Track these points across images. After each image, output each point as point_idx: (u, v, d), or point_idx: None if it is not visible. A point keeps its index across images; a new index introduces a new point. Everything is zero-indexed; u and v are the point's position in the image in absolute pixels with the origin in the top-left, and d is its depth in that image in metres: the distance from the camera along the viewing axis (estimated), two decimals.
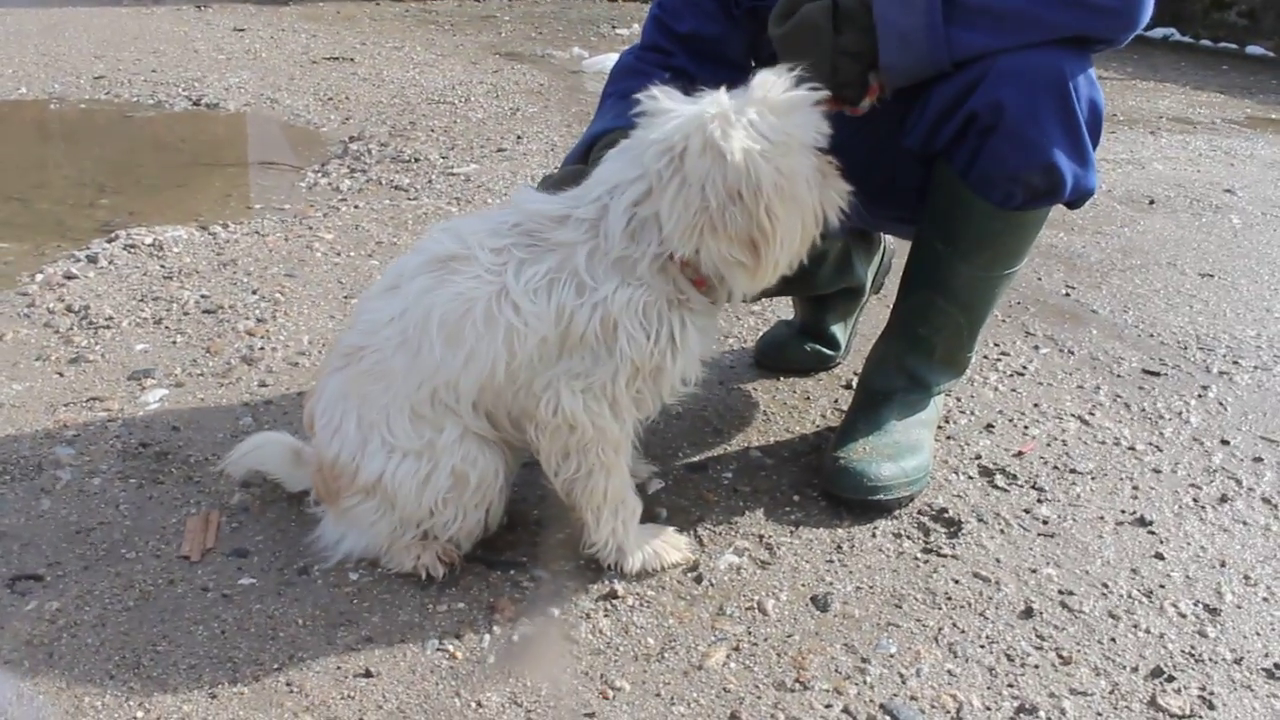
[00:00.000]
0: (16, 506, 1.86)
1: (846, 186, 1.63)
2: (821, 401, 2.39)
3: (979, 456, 2.17)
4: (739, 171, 1.49)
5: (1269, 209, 4.08)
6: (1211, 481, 2.12)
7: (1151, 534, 1.93)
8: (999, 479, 2.09)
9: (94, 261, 2.95)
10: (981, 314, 2.04)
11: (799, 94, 1.54)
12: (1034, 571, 1.81)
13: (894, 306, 2.09)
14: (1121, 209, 4.00)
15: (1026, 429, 2.30)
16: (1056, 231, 3.64)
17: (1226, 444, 2.26)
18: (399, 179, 3.89)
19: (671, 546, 1.77)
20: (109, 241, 3.11)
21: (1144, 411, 2.40)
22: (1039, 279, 3.22)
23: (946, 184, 1.91)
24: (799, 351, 2.51)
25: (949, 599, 1.73)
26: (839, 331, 2.52)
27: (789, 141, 1.53)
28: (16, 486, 1.91)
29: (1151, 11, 1.78)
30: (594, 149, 1.85)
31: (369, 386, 1.63)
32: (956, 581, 1.77)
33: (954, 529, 1.92)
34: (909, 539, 1.89)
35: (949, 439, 2.23)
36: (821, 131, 1.57)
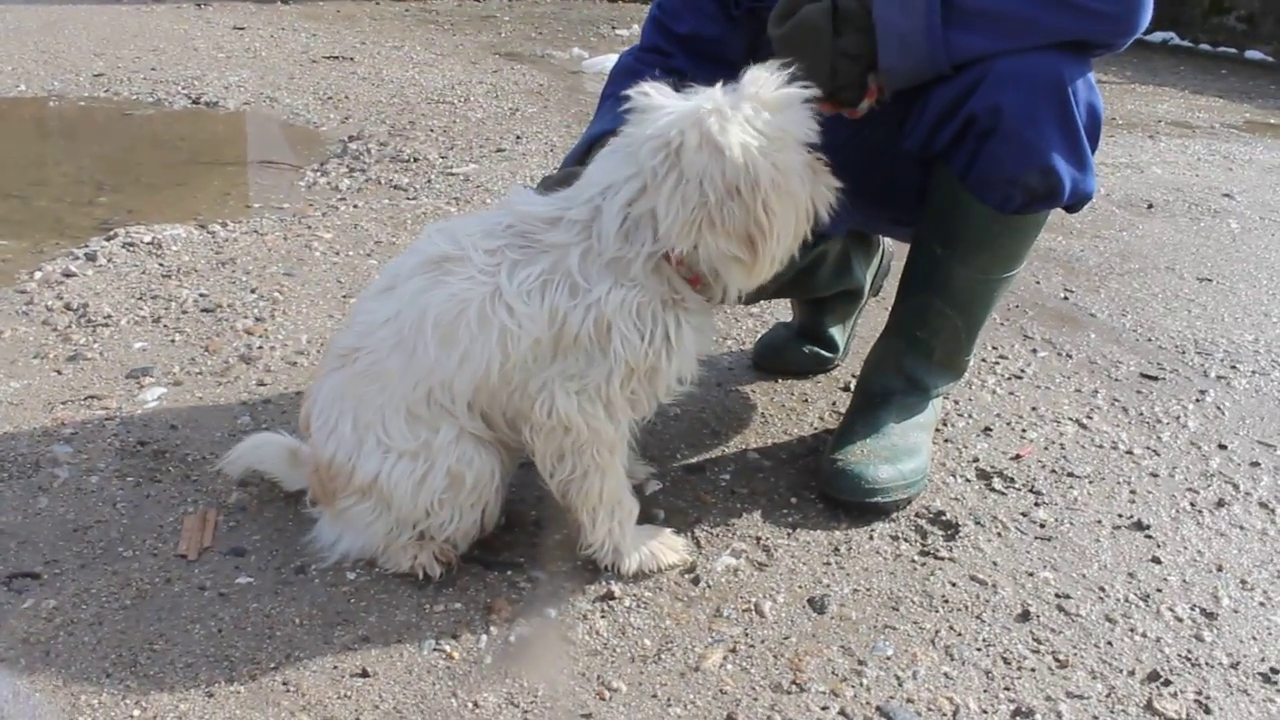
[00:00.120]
0: (14, 504, 1.86)
1: (835, 182, 1.63)
2: (819, 404, 2.39)
3: (977, 459, 2.17)
4: (737, 167, 1.49)
5: (1267, 214, 4.09)
6: (1209, 486, 2.12)
7: (1149, 538, 1.93)
8: (996, 482, 2.09)
9: (92, 259, 2.95)
10: (980, 317, 2.04)
11: (791, 90, 1.55)
12: (1031, 575, 1.81)
13: (892, 309, 2.10)
14: (1120, 213, 4.01)
15: (1024, 432, 2.30)
16: (1055, 235, 3.64)
17: (1224, 448, 2.26)
18: (398, 178, 3.89)
19: (669, 548, 1.77)
20: (108, 239, 3.11)
21: (1142, 415, 2.40)
22: (1037, 282, 3.22)
23: (945, 187, 1.91)
24: (797, 354, 2.51)
25: (946, 602, 1.73)
26: (837, 334, 2.52)
27: (784, 137, 1.54)
28: (14, 484, 1.91)
29: (1150, 16, 1.78)
30: (593, 150, 1.85)
31: (364, 387, 1.63)
32: (953, 584, 1.77)
33: (951, 532, 1.92)
34: (906, 542, 1.89)
35: (947, 442, 2.24)
36: (812, 128, 1.57)
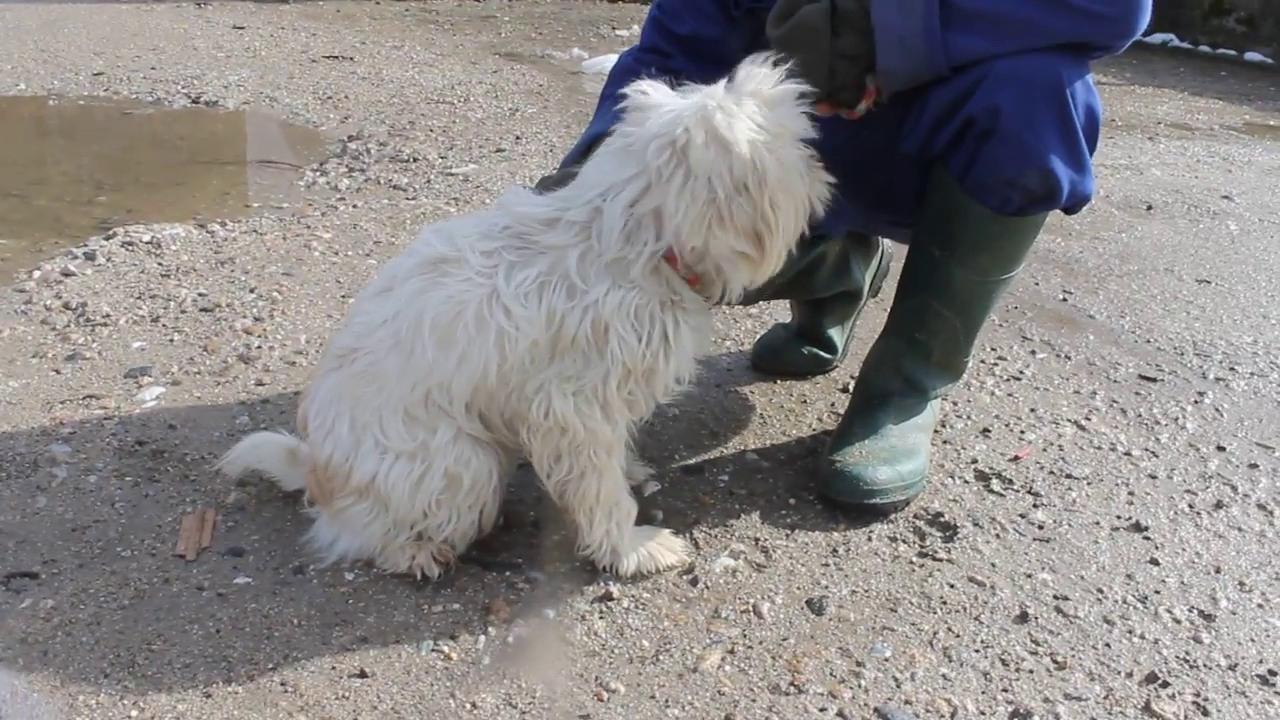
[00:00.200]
0: (12, 504, 1.85)
1: (829, 178, 1.64)
2: (818, 405, 2.39)
3: (975, 461, 2.18)
4: (745, 163, 1.50)
5: (1266, 215, 4.09)
6: (1207, 487, 2.12)
7: (1147, 539, 1.93)
8: (995, 483, 2.09)
9: (91, 259, 2.95)
10: (978, 318, 2.04)
11: (788, 87, 1.56)
12: (1029, 576, 1.81)
13: (891, 310, 2.10)
14: (1119, 214, 4.01)
15: (1023, 434, 2.30)
16: (1054, 236, 3.64)
17: (1222, 450, 2.26)
18: (397, 178, 3.89)
19: (667, 549, 1.77)
20: (107, 239, 3.11)
21: (1140, 417, 2.40)
22: (1036, 284, 3.22)
23: (943, 188, 1.91)
24: (796, 355, 2.51)
25: (944, 603, 1.73)
26: (836, 335, 2.52)
27: (785, 133, 1.55)
28: (12, 484, 1.91)
29: (1149, 18, 1.78)
30: (592, 150, 1.85)
31: (362, 388, 1.63)
32: (952, 586, 1.78)
33: (949, 533, 1.92)
34: (904, 543, 1.89)
35: (945, 443, 2.24)
36: (808, 123, 1.59)
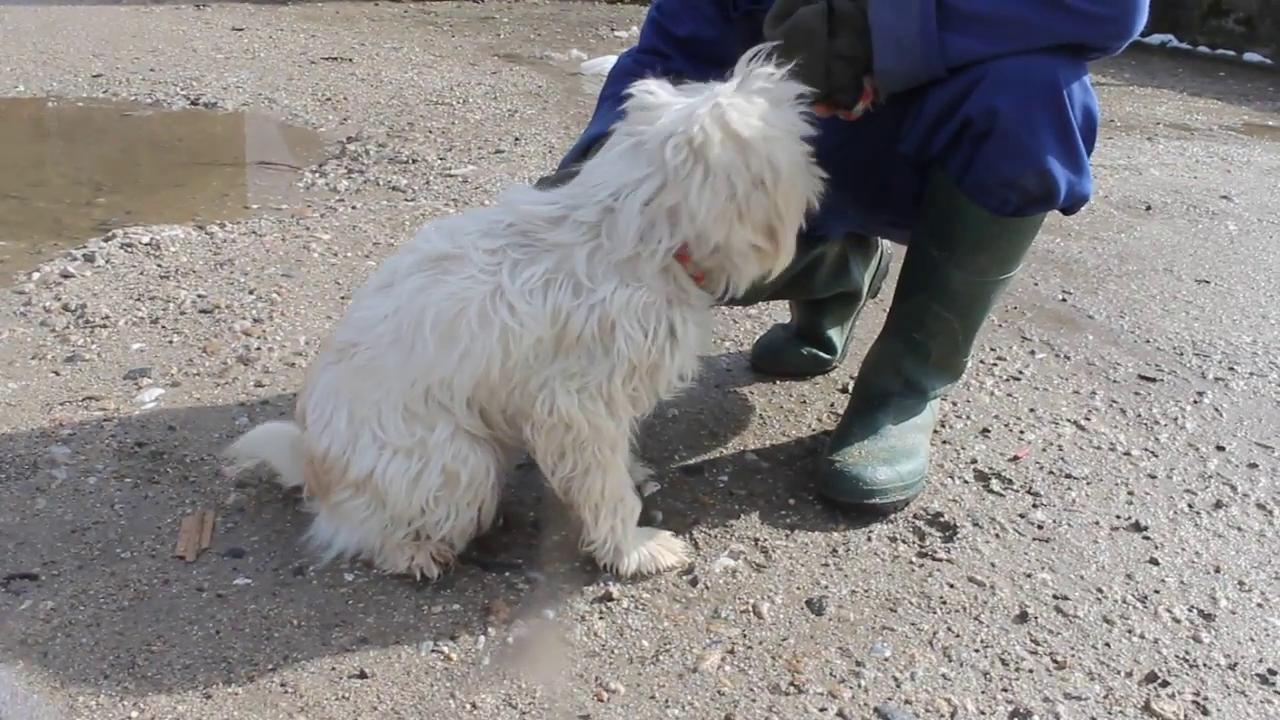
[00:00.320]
0: (12, 505, 1.85)
1: (823, 174, 1.66)
2: (817, 405, 2.39)
3: (974, 461, 2.18)
4: (761, 160, 1.53)
5: (1265, 215, 4.09)
6: (1206, 487, 2.12)
7: (1146, 539, 1.93)
8: (994, 483, 2.09)
9: (91, 260, 2.95)
10: (977, 319, 2.04)
11: (789, 85, 1.59)
12: (1029, 576, 1.81)
13: (890, 311, 2.10)
14: (1118, 214, 4.01)
15: (1022, 434, 2.30)
16: (1053, 237, 3.64)
17: (1222, 450, 2.27)
18: (396, 180, 3.89)
19: (668, 550, 1.77)
20: (106, 240, 3.10)
21: (1140, 417, 2.40)
22: (1035, 284, 3.22)
23: (941, 189, 1.91)
24: (795, 355, 2.51)
25: (944, 603, 1.73)
26: (835, 335, 2.52)
27: (791, 130, 1.58)
28: (12, 485, 1.91)
29: (1146, 19, 1.78)
30: (590, 152, 1.85)
31: (361, 383, 1.63)
32: (951, 586, 1.78)
33: (949, 533, 1.92)
34: (904, 543, 1.89)
35: (945, 443, 2.24)
36: (806, 121, 1.62)
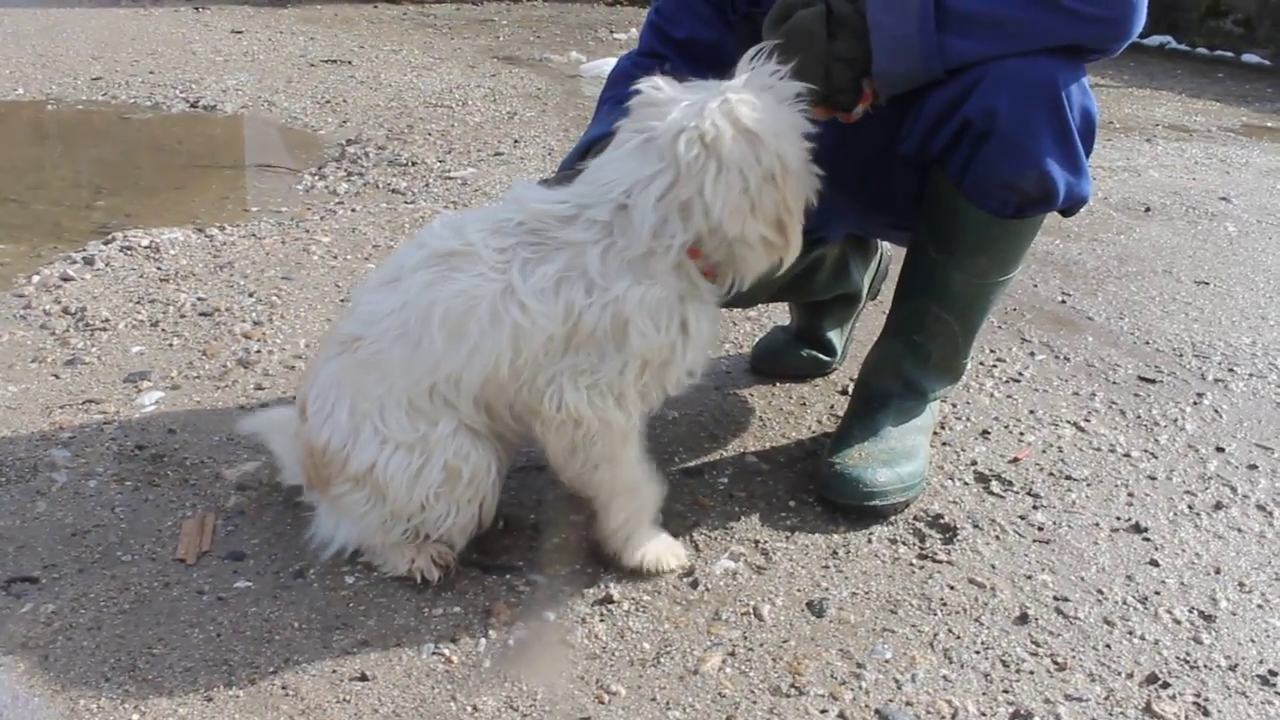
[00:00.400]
0: (12, 509, 1.85)
1: (820, 171, 1.68)
2: (817, 407, 2.39)
3: (974, 462, 2.18)
4: (771, 154, 1.55)
5: (1264, 217, 4.10)
6: (1206, 488, 2.12)
7: (1146, 540, 1.94)
8: (994, 485, 2.09)
9: (90, 263, 2.95)
10: (976, 321, 2.04)
11: (790, 84, 1.62)
12: (1029, 578, 1.81)
13: (889, 313, 2.10)
14: (1117, 216, 4.02)
15: (1022, 435, 2.30)
16: (1052, 238, 3.65)
17: (1221, 451, 2.27)
18: (396, 182, 3.89)
19: (672, 554, 1.78)
20: (105, 243, 3.10)
21: (1139, 418, 2.40)
22: (1035, 286, 3.22)
23: (941, 191, 1.92)
24: (795, 357, 2.51)
25: (944, 605, 1.73)
26: (835, 337, 2.52)
27: (796, 126, 1.61)
28: (12, 489, 1.91)
29: (1144, 21, 1.79)
30: (589, 155, 1.85)
31: (364, 376, 1.63)
32: (952, 587, 1.78)
33: (949, 535, 1.92)
34: (904, 545, 1.89)
35: (945, 445, 2.24)
36: (806, 120, 1.65)
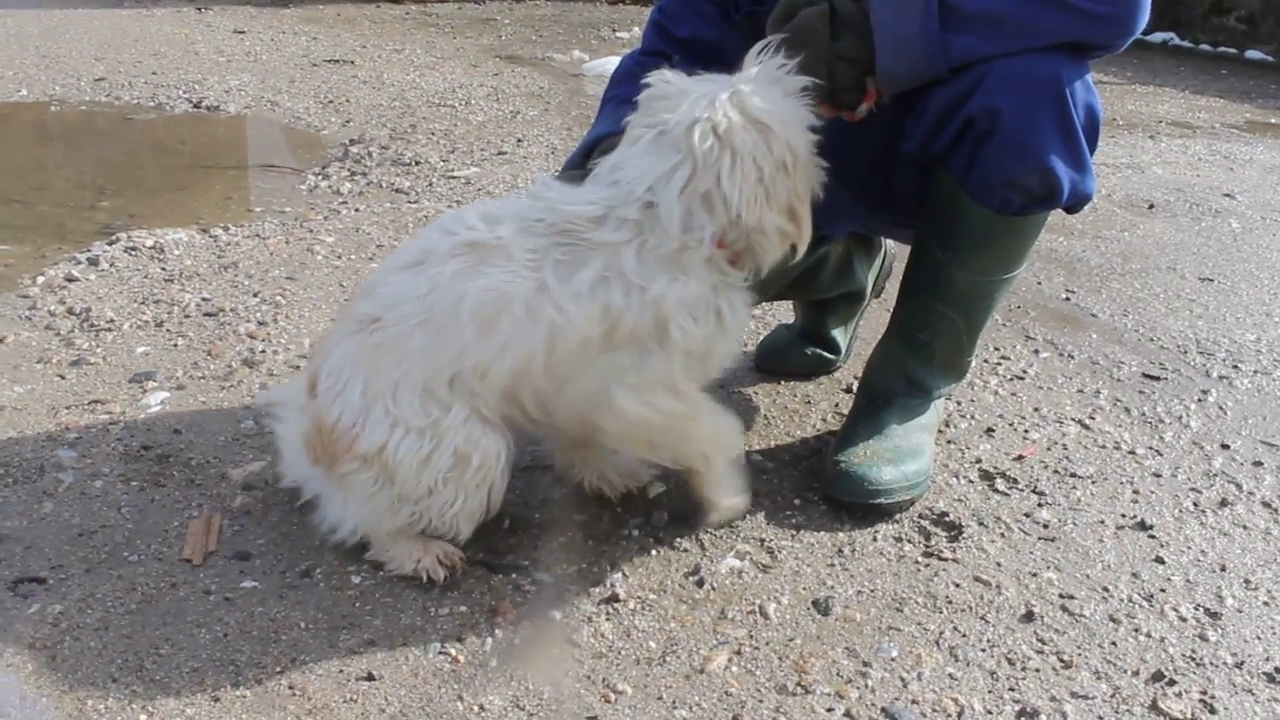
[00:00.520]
0: (18, 509, 1.86)
1: (824, 163, 1.69)
2: (822, 405, 2.39)
3: (979, 460, 2.18)
4: (783, 144, 1.57)
5: (1268, 213, 4.09)
6: (1212, 486, 2.12)
7: (1152, 538, 1.94)
8: (999, 483, 2.09)
9: (95, 264, 2.95)
10: (981, 318, 2.04)
11: (797, 77, 1.65)
12: (1035, 575, 1.81)
13: (894, 311, 2.10)
14: (1121, 213, 4.01)
15: (1027, 433, 2.30)
16: (1056, 236, 3.64)
17: (1227, 448, 2.27)
18: (399, 182, 3.89)
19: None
20: (110, 244, 3.11)
21: (1144, 416, 2.40)
22: (1039, 283, 3.22)
23: (944, 189, 1.91)
24: (799, 355, 2.51)
25: (950, 603, 1.73)
26: (839, 335, 2.52)
27: (803, 118, 1.63)
28: (18, 489, 1.91)
29: (1148, 17, 1.78)
30: (594, 154, 1.85)
31: (381, 358, 1.62)
32: (957, 585, 1.78)
33: (954, 533, 1.92)
34: (910, 543, 1.89)
35: (949, 443, 2.24)
36: (811, 114, 1.67)
